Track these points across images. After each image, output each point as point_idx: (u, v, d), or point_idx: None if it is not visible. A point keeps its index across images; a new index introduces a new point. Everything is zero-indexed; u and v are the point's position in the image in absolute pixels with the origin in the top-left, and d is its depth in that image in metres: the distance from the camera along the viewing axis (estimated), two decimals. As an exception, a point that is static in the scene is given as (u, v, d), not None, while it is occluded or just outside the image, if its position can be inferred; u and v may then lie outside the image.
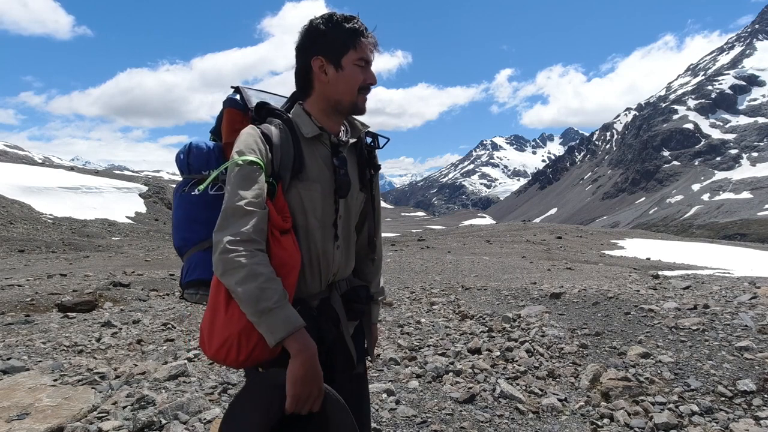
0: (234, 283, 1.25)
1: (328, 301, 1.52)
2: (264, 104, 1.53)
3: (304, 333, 1.29)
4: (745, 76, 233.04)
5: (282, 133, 1.46)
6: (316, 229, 1.48)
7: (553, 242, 22.57)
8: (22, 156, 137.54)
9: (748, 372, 3.35)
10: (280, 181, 1.42)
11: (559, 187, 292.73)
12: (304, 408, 1.27)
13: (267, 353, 1.28)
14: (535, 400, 3.23)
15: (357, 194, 1.59)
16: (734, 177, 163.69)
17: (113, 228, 28.19)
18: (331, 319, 1.51)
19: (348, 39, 1.49)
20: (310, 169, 1.47)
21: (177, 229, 1.55)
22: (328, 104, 1.52)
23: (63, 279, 8.85)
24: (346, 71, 1.49)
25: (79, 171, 47.47)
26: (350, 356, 1.56)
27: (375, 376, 3.69)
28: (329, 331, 1.49)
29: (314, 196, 1.46)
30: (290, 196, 1.44)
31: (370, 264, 1.78)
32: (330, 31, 1.49)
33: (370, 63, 1.53)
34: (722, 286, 7.21)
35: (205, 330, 1.34)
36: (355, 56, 1.49)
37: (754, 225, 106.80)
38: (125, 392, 3.26)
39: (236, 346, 1.27)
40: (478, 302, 6.25)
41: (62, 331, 5.20)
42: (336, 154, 1.52)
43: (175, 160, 1.60)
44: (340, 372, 1.53)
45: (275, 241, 1.35)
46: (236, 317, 1.27)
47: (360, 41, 1.49)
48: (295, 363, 1.25)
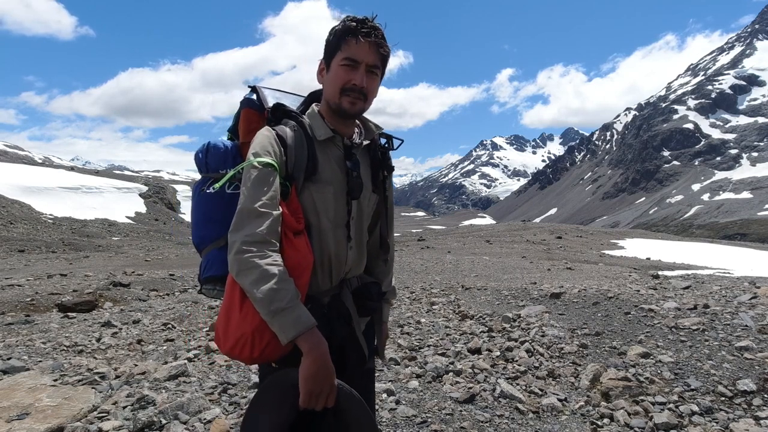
0: (248, 284, 1.29)
1: (339, 297, 1.54)
2: (280, 105, 1.55)
3: (316, 332, 1.31)
4: (745, 76, 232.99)
5: (296, 135, 1.47)
6: (328, 229, 1.49)
7: (553, 242, 22.57)
8: (22, 156, 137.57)
9: (748, 372, 3.35)
10: (293, 182, 1.44)
11: (559, 187, 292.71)
12: (318, 404, 1.30)
13: (279, 351, 1.32)
14: (535, 400, 3.23)
15: (370, 195, 1.61)
16: (734, 177, 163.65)
17: (113, 228, 28.19)
18: (342, 315, 1.52)
19: (338, 39, 1.46)
20: (323, 171, 1.48)
21: (195, 227, 1.59)
22: (328, 107, 1.53)
23: (63, 279, 8.86)
24: (332, 72, 1.48)
25: (79, 171, 47.46)
26: (362, 352, 1.58)
27: (375, 376, 3.69)
28: (340, 327, 1.51)
29: (327, 197, 1.48)
30: (303, 197, 1.46)
31: (383, 264, 1.80)
32: (330, 33, 1.49)
33: (361, 63, 1.46)
34: (722, 286, 7.21)
35: (220, 327, 1.38)
36: (340, 57, 1.46)
37: (754, 225, 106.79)
38: (125, 392, 3.26)
39: (250, 343, 1.31)
40: (478, 302, 6.25)
41: (62, 331, 5.20)
42: (349, 156, 1.53)
43: (194, 159, 1.63)
44: (351, 368, 1.55)
45: (288, 243, 1.37)
46: (250, 316, 1.31)
47: (347, 40, 1.45)
48: (307, 361, 1.28)
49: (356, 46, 1.44)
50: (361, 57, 1.45)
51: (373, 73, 1.49)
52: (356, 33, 1.44)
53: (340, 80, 1.46)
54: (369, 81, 1.48)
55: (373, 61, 1.47)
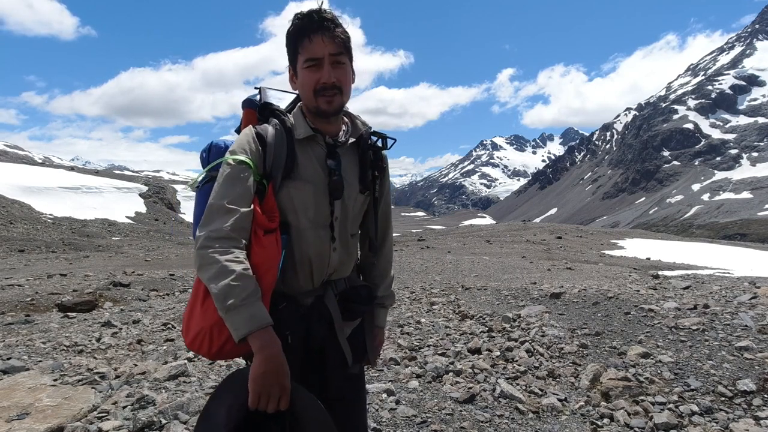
0: (207, 279, 1.29)
1: (322, 299, 1.51)
2: (267, 105, 1.54)
3: (269, 331, 1.29)
4: (745, 76, 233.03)
5: (277, 133, 1.46)
6: (308, 229, 1.46)
7: (553, 242, 22.57)
8: (22, 156, 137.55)
9: (748, 372, 3.35)
10: (271, 180, 1.43)
11: (559, 187, 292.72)
12: (269, 405, 1.27)
13: (239, 349, 1.32)
14: (535, 400, 3.23)
15: (356, 196, 1.55)
16: (734, 177, 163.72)
17: (113, 228, 28.20)
18: (323, 317, 1.50)
19: (294, 43, 1.44)
20: (304, 170, 1.46)
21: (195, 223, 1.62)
22: (307, 109, 1.51)
23: (63, 279, 8.86)
24: (300, 77, 1.46)
25: (79, 171, 47.47)
26: (343, 356, 1.54)
27: (375, 376, 3.69)
28: (320, 329, 1.48)
29: (306, 196, 1.45)
30: (282, 195, 1.44)
31: (374, 267, 1.75)
32: (287, 37, 1.46)
33: (323, 58, 1.41)
34: (722, 286, 7.21)
35: (184, 319, 1.41)
36: (302, 59, 1.43)
37: (754, 225, 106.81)
38: (125, 392, 3.26)
39: (208, 338, 1.33)
40: (478, 302, 6.25)
41: (62, 331, 5.20)
42: (332, 155, 1.50)
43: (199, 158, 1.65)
44: (331, 370, 1.52)
45: (257, 240, 1.36)
46: (211, 310, 1.32)
47: (302, 41, 1.42)
48: (256, 360, 1.26)
49: (312, 44, 1.40)
50: (320, 53, 1.41)
51: (339, 62, 1.44)
52: (307, 32, 1.41)
53: (309, 83, 1.43)
54: (338, 72, 1.43)
55: (334, 50, 1.42)
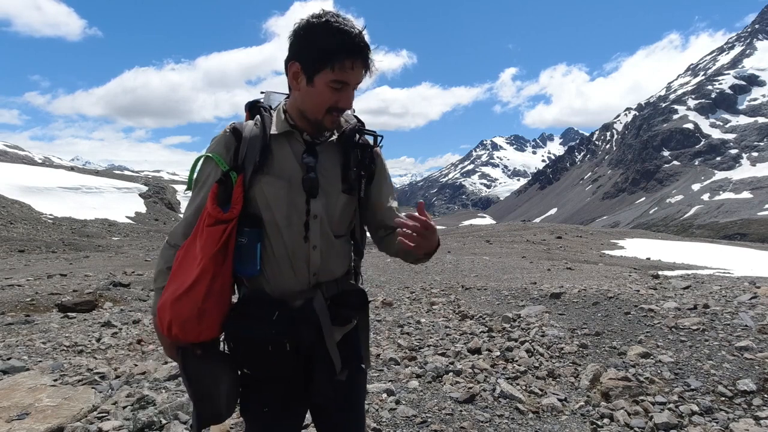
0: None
1: (311, 303, 1.48)
2: (255, 102, 1.54)
3: None
4: (745, 76, 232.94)
5: (256, 128, 1.46)
6: (283, 226, 1.45)
7: (553, 242, 22.56)
8: (22, 156, 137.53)
9: (748, 372, 3.35)
10: (241, 173, 1.43)
11: (559, 187, 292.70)
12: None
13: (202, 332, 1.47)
14: (535, 400, 3.23)
15: (338, 195, 1.50)
16: (734, 177, 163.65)
17: (113, 228, 28.20)
18: (311, 322, 1.45)
19: (328, 56, 1.34)
20: (278, 165, 1.44)
21: None
22: (298, 110, 1.47)
23: (63, 279, 8.86)
24: (317, 89, 1.39)
25: (79, 171, 47.48)
26: (331, 363, 1.49)
27: (375, 376, 3.69)
28: (308, 333, 1.45)
29: (278, 192, 1.43)
30: (255, 190, 1.43)
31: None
32: (315, 40, 1.35)
33: (350, 85, 1.39)
34: (722, 286, 7.21)
35: None
36: (330, 77, 1.36)
37: (754, 225, 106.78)
38: (125, 392, 3.26)
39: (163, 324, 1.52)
40: (478, 302, 6.25)
41: (62, 331, 5.20)
42: (310, 152, 1.47)
43: None
44: (319, 377, 1.48)
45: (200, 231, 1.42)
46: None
47: (342, 63, 1.34)
48: None
49: (352, 70, 1.36)
50: (353, 80, 1.39)
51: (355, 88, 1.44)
52: (351, 55, 1.34)
53: (326, 101, 1.39)
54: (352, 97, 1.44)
55: (360, 80, 1.41)
